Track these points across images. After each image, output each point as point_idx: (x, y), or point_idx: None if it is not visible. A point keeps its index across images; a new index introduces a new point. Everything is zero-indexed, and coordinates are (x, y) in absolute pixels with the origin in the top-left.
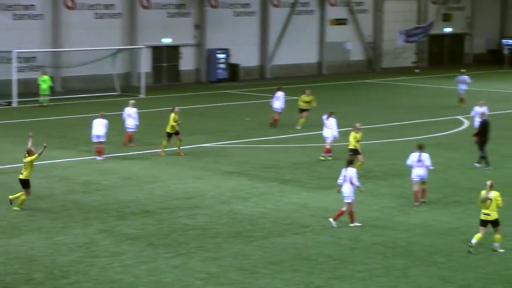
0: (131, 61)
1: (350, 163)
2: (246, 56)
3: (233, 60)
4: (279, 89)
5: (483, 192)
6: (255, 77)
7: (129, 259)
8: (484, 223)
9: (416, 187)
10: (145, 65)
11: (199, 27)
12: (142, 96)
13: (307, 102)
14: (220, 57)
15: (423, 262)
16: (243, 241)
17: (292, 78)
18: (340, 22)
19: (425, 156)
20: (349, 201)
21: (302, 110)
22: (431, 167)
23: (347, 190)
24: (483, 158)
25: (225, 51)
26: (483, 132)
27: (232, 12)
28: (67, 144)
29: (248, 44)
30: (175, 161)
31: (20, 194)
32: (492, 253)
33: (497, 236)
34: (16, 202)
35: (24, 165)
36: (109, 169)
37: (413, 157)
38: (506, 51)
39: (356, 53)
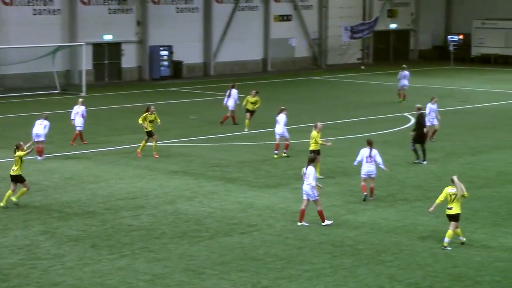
0: (71, 58)
1: (311, 161)
2: (190, 53)
3: (176, 57)
4: (233, 87)
5: (448, 188)
6: (199, 74)
7: (72, 261)
8: (449, 217)
9: (364, 182)
10: (86, 62)
11: (141, 23)
12: (83, 94)
13: (253, 103)
14: (163, 54)
15: (371, 261)
16: (189, 241)
17: (237, 75)
18: (284, 18)
19: (376, 152)
20: (310, 199)
21: (248, 111)
22: (385, 168)
23: (307, 188)
24: (415, 151)
25: (168, 48)
26: (418, 126)
27: (174, 8)
28: (6, 144)
29: (191, 40)
30: (118, 160)
31: (21, 193)
32: (440, 250)
33: (458, 230)
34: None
35: (15, 161)
36: (51, 169)
37: (364, 152)
38: (451, 47)
39: (301, 50)
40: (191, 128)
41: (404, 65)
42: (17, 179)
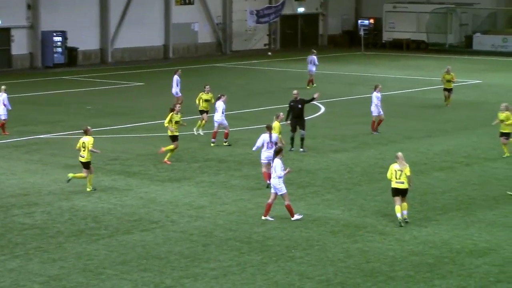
0: None
1: (277, 153)
2: (85, 38)
3: (71, 43)
4: (176, 73)
5: (393, 165)
6: (95, 62)
7: None
8: (397, 192)
9: (264, 169)
10: None
11: (32, 7)
12: None
13: (207, 100)
14: (56, 40)
15: (281, 257)
16: (87, 240)
17: (136, 63)
18: (186, 1)
19: (276, 137)
20: (278, 193)
21: (202, 112)
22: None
23: (275, 182)
24: (292, 140)
25: (62, 33)
26: (296, 114)
27: None
28: None
29: (87, 26)
30: (8, 154)
31: (81, 175)
32: (353, 245)
33: (405, 204)
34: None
35: (81, 147)
36: None
37: (264, 138)
38: (362, 32)
39: (205, 35)
40: (87, 119)
41: (313, 49)
42: (85, 165)
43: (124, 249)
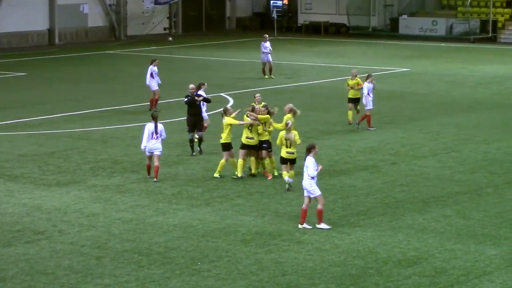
0: None
1: (310, 150)
2: None
3: None
4: (153, 62)
5: (283, 133)
6: None
7: None
8: (285, 161)
9: (149, 161)
10: None
11: None
12: None
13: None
14: None
15: (185, 271)
16: None
17: (16, 50)
18: None
19: (162, 128)
20: (313, 195)
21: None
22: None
23: (307, 184)
24: (192, 141)
25: None
26: (193, 111)
27: None
28: None
29: None
30: None
31: (221, 165)
32: (266, 256)
33: (292, 172)
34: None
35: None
36: None
37: (149, 127)
38: (274, 15)
39: (96, 18)
40: None
41: (265, 34)
42: (224, 147)
43: (4, 264)
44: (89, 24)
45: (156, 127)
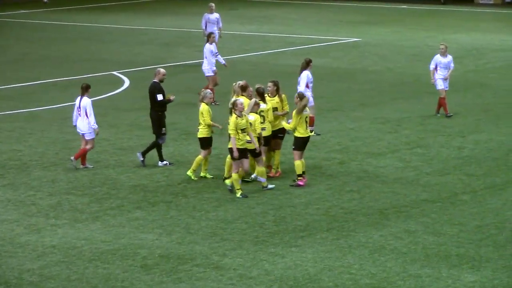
0: None
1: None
2: None
3: None
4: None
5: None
6: None
7: None
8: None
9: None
10: None
11: None
12: None
13: None
14: None
15: None
16: None
17: None
18: None
19: (87, 102)
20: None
21: None
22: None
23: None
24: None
25: None
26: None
27: None
28: None
29: None
30: None
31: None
32: (174, 286)
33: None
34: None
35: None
36: None
37: (76, 102)
38: None
39: None
40: None
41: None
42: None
43: None
44: None
45: (80, 100)
